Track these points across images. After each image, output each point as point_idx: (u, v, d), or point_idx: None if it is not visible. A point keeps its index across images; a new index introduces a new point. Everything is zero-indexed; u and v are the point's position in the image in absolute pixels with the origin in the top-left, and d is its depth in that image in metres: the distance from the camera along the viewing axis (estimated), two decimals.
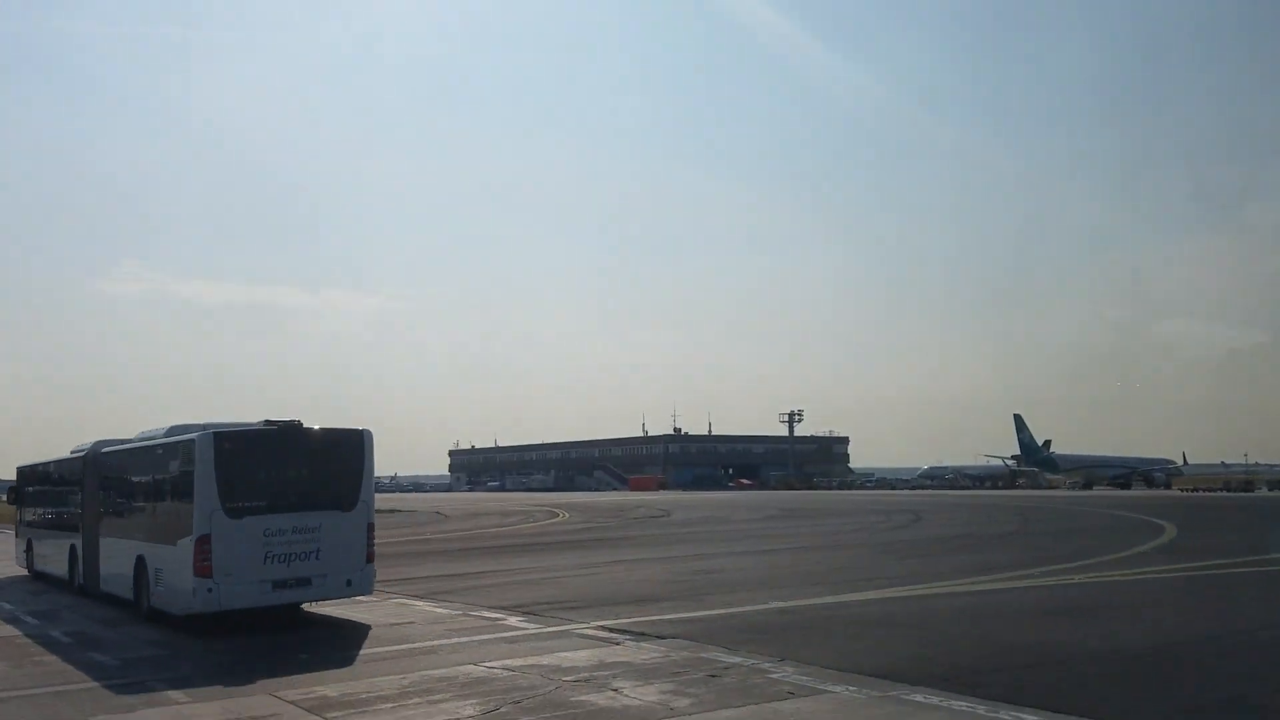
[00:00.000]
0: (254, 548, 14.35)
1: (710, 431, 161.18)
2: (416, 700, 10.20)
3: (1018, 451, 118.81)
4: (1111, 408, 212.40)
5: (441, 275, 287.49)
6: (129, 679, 11.64)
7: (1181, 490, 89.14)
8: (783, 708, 9.61)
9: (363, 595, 16.05)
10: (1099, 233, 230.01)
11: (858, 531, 36.99)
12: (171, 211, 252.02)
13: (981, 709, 9.37)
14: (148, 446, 17.10)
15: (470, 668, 11.81)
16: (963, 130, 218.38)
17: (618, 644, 13.25)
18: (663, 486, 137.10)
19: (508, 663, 12.05)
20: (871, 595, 18.10)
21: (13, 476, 27.61)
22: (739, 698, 10.03)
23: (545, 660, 12.19)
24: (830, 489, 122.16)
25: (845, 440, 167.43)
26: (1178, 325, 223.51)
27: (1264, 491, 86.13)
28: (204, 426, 15.11)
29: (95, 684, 11.43)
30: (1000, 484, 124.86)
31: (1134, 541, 28.95)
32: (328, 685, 10.99)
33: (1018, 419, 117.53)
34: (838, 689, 10.33)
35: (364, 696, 10.42)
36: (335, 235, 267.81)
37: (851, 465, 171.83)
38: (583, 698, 10.14)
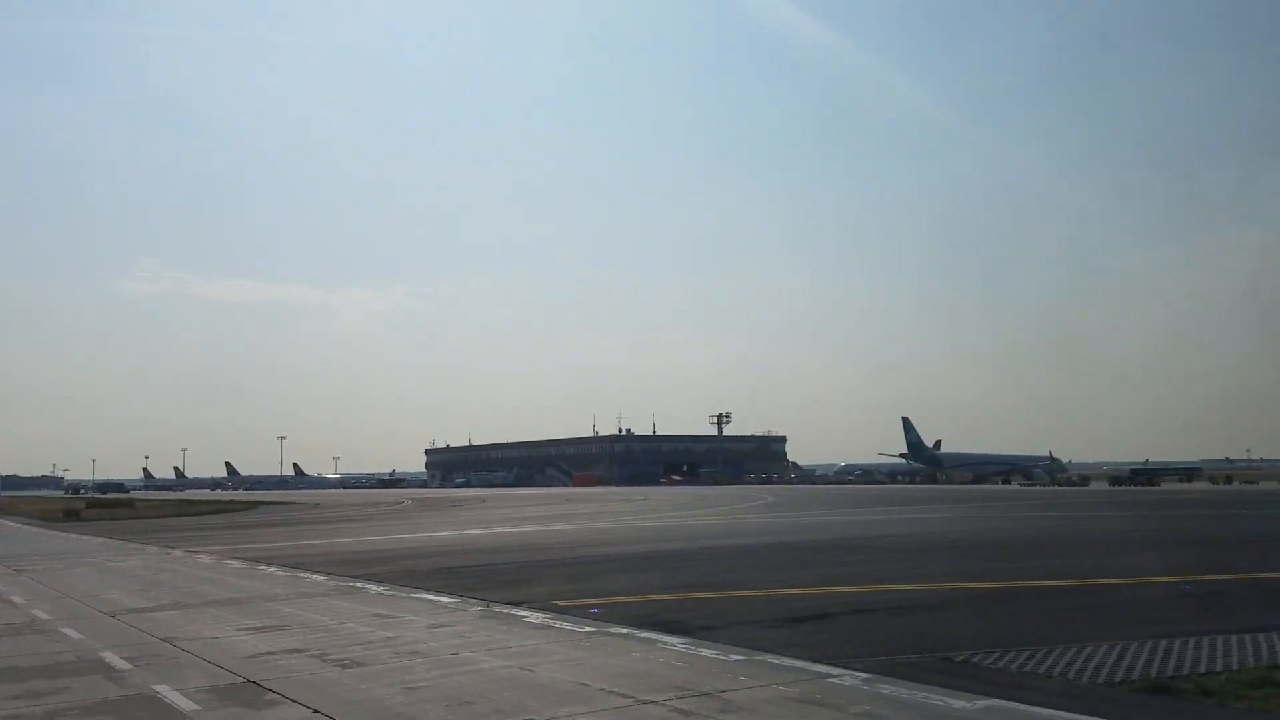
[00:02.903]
0: None
1: (655, 432, 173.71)
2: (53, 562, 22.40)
3: (905, 450, 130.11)
4: (1088, 407, 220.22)
5: (455, 276, 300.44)
6: None
7: (1067, 486, 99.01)
8: (180, 565, 21.73)
9: None
10: (1066, 231, 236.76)
11: (564, 509, 49.14)
12: (189, 211, 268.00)
13: (318, 577, 21.44)
14: None
15: (111, 564, 23.80)
16: (939, 119, 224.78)
17: (172, 552, 25.57)
18: (600, 482, 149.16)
19: (128, 558, 24.30)
20: (409, 535, 30.39)
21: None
22: (170, 563, 22.17)
23: (124, 553, 24.43)
24: (752, 484, 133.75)
25: (783, 439, 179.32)
26: (1153, 322, 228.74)
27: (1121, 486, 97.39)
28: None
29: None
30: (919, 479, 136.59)
31: (731, 504, 41.02)
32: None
33: (905, 421, 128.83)
34: (227, 561, 22.47)
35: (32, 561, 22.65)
36: (351, 235, 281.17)
37: (799, 462, 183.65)
38: (108, 563, 22.32)
